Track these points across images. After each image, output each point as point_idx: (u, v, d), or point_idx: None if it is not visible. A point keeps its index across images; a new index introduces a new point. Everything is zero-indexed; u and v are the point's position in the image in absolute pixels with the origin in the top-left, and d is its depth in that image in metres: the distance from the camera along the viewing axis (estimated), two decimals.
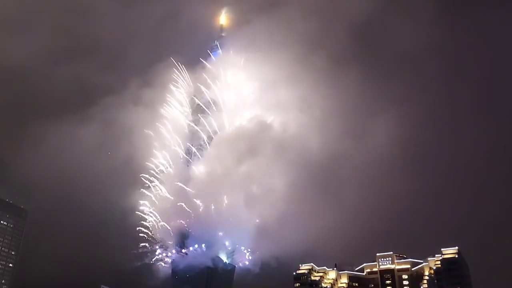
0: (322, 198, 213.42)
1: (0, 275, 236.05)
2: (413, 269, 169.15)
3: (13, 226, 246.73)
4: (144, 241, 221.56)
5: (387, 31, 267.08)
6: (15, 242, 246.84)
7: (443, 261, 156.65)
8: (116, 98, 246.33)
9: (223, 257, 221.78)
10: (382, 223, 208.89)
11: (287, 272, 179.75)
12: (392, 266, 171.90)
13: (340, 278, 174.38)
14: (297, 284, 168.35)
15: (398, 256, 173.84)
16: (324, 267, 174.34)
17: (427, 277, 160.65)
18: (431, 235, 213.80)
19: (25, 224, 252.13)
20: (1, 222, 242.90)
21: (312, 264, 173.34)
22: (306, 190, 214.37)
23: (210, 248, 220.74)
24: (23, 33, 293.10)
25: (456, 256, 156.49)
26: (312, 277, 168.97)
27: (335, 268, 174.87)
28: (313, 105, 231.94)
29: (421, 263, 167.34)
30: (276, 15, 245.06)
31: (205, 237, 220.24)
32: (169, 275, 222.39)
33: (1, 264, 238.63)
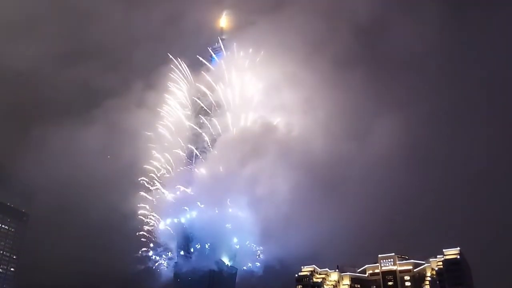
0: (324, 199, 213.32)
1: (2, 279, 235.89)
2: (415, 270, 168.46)
3: (14, 230, 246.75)
4: (146, 245, 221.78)
5: (391, 33, 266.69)
6: (16, 246, 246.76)
7: (445, 262, 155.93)
8: (120, 101, 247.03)
9: (225, 259, 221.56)
10: (384, 224, 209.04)
11: (289, 274, 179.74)
12: (394, 267, 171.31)
13: (342, 279, 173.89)
14: (299, 286, 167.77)
15: (400, 257, 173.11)
16: (326, 269, 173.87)
17: (429, 278, 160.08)
18: (433, 236, 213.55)
19: (26, 228, 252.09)
20: (3, 226, 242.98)
21: (314, 266, 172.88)
22: (309, 191, 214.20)
23: (213, 251, 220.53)
24: (27, 36, 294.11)
25: (458, 257, 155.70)
26: (314, 279, 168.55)
27: (337, 270, 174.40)
28: (317, 106, 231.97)
29: (423, 264, 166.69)
30: (279, 16, 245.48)
31: (209, 239, 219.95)
32: (171, 278, 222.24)
33: (3, 268, 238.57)
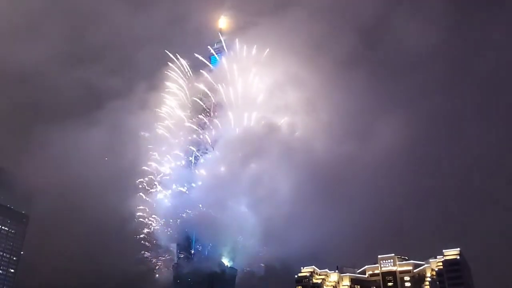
0: (324, 200, 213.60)
1: (2, 281, 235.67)
2: (415, 270, 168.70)
3: (14, 232, 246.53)
4: (146, 246, 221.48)
5: (394, 32, 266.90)
6: (16, 248, 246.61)
7: (445, 262, 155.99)
8: (123, 102, 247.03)
9: (225, 260, 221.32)
10: (383, 225, 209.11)
11: (288, 275, 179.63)
12: (394, 268, 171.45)
13: (342, 280, 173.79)
14: (299, 287, 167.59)
15: (400, 258, 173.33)
16: (326, 270, 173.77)
17: (429, 279, 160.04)
18: (433, 236, 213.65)
19: (26, 230, 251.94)
20: (3, 227, 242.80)
21: (313, 266, 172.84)
22: (310, 192, 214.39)
23: (214, 252, 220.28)
24: (30, 38, 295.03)
25: (458, 257, 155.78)
26: (314, 280, 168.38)
27: (337, 271, 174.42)
28: (319, 107, 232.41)
29: (423, 264, 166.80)
30: (282, 17, 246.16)
31: (210, 240, 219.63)
32: (171, 280, 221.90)
33: (3, 270, 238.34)
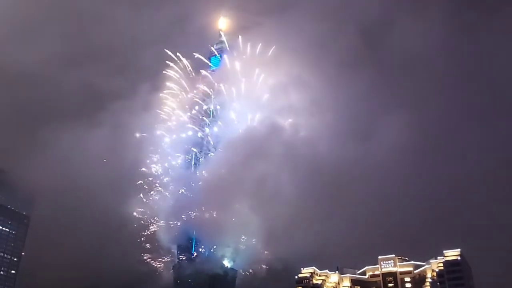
0: (326, 201, 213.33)
1: (3, 282, 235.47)
2: (415, 271, 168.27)
3: (15, 233, 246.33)
4: (147, 248, 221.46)
5: (397, 33, 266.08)
6: (17, 249, 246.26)
7: (446, 263, 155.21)
8: (125, 103, 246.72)
9: (226, 261, 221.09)
10: (384, 225, 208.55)
11: (288, 276, 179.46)
12: (395, 269, 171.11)
13: (342, 281, 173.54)
14: None
15: (401, 258, 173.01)
16: (326, 270, 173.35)
17: (429, 280, 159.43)
18: (433, 237, 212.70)
19: (27, 231, 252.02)
20: (4, 228, 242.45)
21: (314, 267, 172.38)
22: (311, 193, 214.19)
23: (216, 253, 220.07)
24: (32, 39, 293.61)
25: (459, 258, 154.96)
26: (314, 281, 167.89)
27: (337, 271, 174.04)
28: (322, 107, 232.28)
29: (424, 265, 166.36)
30: (285, 18, 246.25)
31: (212, 241, 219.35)
32: (172, 281, 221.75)
33: (4, 271, 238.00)
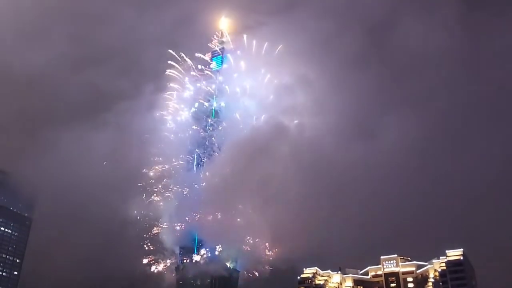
0: (328, 201, 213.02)
1: (5, 283, 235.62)
2: (418, 271, 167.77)
3: (17, 234, 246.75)
4: (150, 249, 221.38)
5: (402, 32, 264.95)
6: (19, 251, 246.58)
7: (448, 263, 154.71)
8: (130, 104, 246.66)
9: (228, 262, 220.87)
10: (386, 225, 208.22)
11: (290, 276, 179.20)
12: (397, 269, 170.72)
13: (345, 281, 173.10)
14: None
15: (403, 258, 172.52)
16: (329, 271, 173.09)
17: (432, 280, 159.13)
18: (435, 237, 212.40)
19: (29, 233, 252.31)
20: (6, 230, 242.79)
21: (316, 267, 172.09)
22: (315, 193, 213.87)
23: (217, 254, 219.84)
24: (37, 40, 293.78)
25: (461, 258, 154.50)
26: (317, 281, 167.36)
27: (339, 272, 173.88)
28: (327, 107, 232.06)
29: (426, 265, 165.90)
30: (290, 17, 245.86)
31: (214, 243, 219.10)
32: (174, 283, 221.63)
33: (6, 273, 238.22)
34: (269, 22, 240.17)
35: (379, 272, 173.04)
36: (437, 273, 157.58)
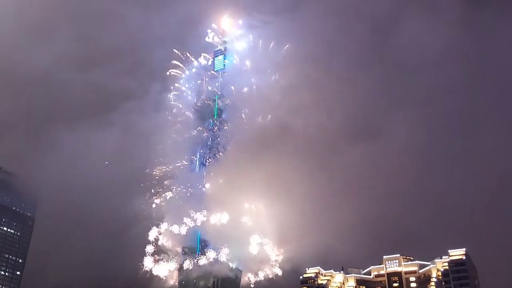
0: (331, 201, 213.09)
1: (8, 283, 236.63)
2: (420, 271, 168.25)
3: (20, 234, 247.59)
4: (152, 250, 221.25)
5: (407, 31, 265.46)
6: (22, 250, 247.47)
7: (451, 263, 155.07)
8: (136, 104, 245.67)
9: (231, 263, 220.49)
10: (388, 225, 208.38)
11: (293, 276, 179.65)
12: (400, 269, 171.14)
13: (347, 281, 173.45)
14: None
15: (405, 258, 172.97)
16: (331, 270, 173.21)
17: (434, 279, 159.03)
18: (438, 237, 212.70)
19: (32, 232, 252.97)
20: (9, 230, 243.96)
21: (319, 267, 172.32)
22: (318, 193, 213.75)
23: (220, 255, 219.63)
24: (44, 39, 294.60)
25: (464, 257, 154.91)
26: (319, 281, 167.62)
27: (342, 271, 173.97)
28: (332, 106, 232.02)
29: (429, 265, 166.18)
30: (294, 17, 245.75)
31: (218, 243, 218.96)
32: (177, 284, 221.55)
33: (9, 272, 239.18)
34: (274, 21, 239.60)
35: (381, 272, 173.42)
36: (439, 273, 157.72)
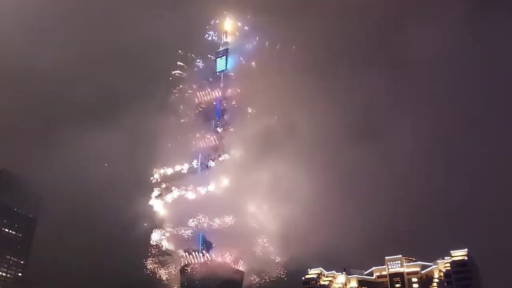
0: (332, 201, 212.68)
1: (10, 284, 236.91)
2: (422, 272, 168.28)
3: (22, 235, 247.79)
4: (155, 251, 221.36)
5: (411, 33, 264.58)
6: (24, 251, 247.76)
7: (453, 263, 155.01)
8: (140, 105, 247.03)
9: (234, 264, 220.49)
10: (391, 226, 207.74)
11: (295, 277, 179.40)
12: (402, 269, 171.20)
13: (349, 282, 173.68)
14: None
15: (408, 259, 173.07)
16: (333, 271, 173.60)
17: (436, 280, 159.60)
18: (440, 237, 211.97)
19: (34, 233, 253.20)
20: (11, 231, 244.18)
21: (321, 268, 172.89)
22: (321, 194, 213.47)
23: (223, 256, 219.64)
24: (50, 40, 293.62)
25: (466, 258, 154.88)
26: (321, 282, 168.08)
27: (344, 272, 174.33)
28: (337, 106, 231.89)
29: (431, 266, 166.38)
30: (298, 17, 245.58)
31: (220, 245, 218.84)
32: (179, 286, 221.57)
33: (11, 274, 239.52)
34: (279, 22, 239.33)
35: (384, 273, 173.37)
36: (441, 274, 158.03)
